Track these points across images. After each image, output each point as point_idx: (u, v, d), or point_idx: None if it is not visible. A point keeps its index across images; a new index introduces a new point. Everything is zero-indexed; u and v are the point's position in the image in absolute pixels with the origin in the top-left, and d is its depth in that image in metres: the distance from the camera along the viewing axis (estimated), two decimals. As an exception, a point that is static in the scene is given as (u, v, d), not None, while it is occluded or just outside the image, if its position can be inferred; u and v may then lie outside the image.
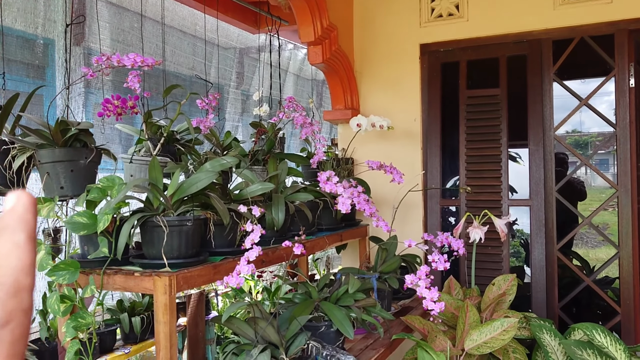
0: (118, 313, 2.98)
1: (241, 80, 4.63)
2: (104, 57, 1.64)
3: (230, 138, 2.47)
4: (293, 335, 1.51)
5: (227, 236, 1.76)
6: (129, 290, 1.56)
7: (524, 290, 2.92)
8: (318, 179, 2.06)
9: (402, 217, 2.87)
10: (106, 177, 1.61)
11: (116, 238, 1.54)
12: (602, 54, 2.68)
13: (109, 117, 1.83)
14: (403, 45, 3.05)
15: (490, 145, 2.84)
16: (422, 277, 1.71)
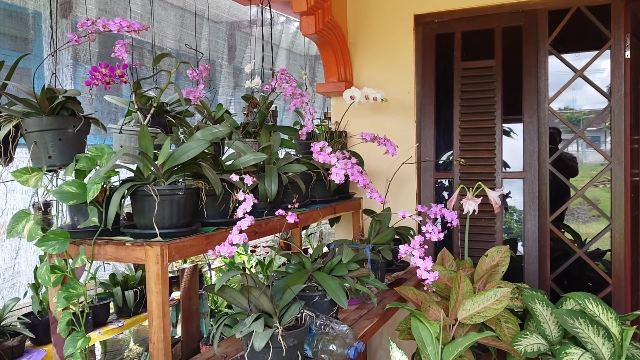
0: (111, 287, 2.98)
1: (233, 55, 4.56)
2: (89, 21, 1.59)
3: (222, 111, 2.43)
4: (287, 305, 1.51)
5: (219, 207, 1.74)
6: (120, 261, 1.54)
7: (517, 262, 2.94)
8: (311, 149, 2.03)
9: (395, 191, 2.86)
10: (95, 147, 1.58)
11: (106, 208, 1.51)
12: (598, 24, 2.64)
13: (97, 86, 1.78)
14: (397, 16, 3.00)
15: (485, 118, 2.82)
16: (416, 247, 1.71)
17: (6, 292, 2.82)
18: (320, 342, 1.56)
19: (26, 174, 1.54)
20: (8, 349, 2.39)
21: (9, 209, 2.83)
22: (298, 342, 1.44)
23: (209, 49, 4.02)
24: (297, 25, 5.15)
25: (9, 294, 2.81)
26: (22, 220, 1.51)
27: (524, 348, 2.01)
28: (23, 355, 2.46)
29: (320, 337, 1.57)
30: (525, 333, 2.09)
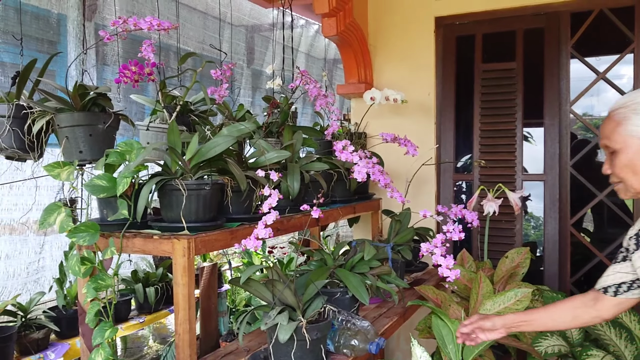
0: (132, 283, 3.03)
1: (252, 57, 4.61)
2: (120, 19, 1.63)
3: (244, 111, 2.46)
4: (310, 299, 1.53)
5: (243, 203, 1.77)
6: (148, 253, 1.58)
7: (536, 265, 2.93)
8: (334, 148, 2.06)
9: (414, 192, 2.87)
10: (125, 142, 1.62)
11: (135, 201, 1.55)
12: (621, 26, 2.63)
13: (126, 84, 1.82)
14: (418, 18, 3.01)
15: (505, 120, 2.82)
16: (438, 245, 1.71)
17: (30, 285, 2.88)
18: (342, 337, 1.58)
19: (58, 168, 1.59)
20: (34, 341, 2.44)
21: (34, 205, 2.89)
22: (321, 336, 1.46)
23: (231, 51, 4.07)
24: (316, 28, 5.19)
25: (33, 288, 2.87)
26: (53, 213, 1.55)
27: (545, 349, 2.01)
28: (48, 348, 2.52)
29: (342, 332, 1.59)
30: (546, 334, 2.08)
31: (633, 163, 1.27)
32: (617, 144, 1.29)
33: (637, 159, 1.26)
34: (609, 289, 1.44)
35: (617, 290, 1.42)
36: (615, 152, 1.30)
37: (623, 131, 1.27)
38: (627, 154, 1.28)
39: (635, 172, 1.27)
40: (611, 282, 1.43)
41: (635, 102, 1.27)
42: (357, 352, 1.60)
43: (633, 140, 1.26)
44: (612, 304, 1.44)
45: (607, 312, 1.45)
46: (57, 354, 2.55)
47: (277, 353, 1.44)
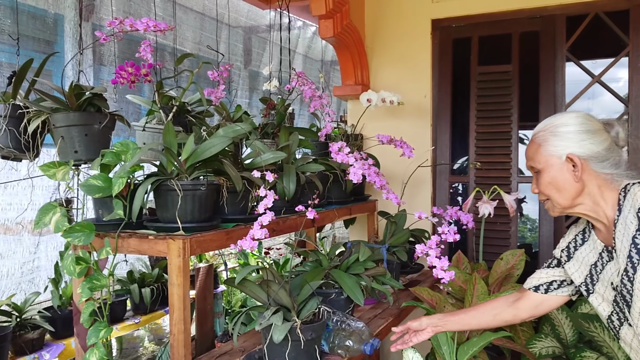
0: (128, 284, 3.03)
1: (249, 58, 4.62)
2: (117, 20, 1.64)
3: (241, 112, 2.47)
4: (305, 300, 1.53)
5: (239, 204, 1.78)
6: (144, 253, 1.58)
7: (532, 267, 2.93)
8: (330, 149, 2.06)
9: (410, 193, 2.87)
10: (120, 142, 1.62)
11: (130, 201, 1.55)
12: (617, 30, 2.65)
13: (122, 85, 1.83)
14: (414, 20, 3.02)
15: (501, 122, 2.83)
16: (433, 247, 1.72)
17: (25, 285, 2.88)
18: (337, 338, 1.58)
19: (53, 168, 1.59)
20: (29, 341, 2.44)
21: (29, 205, 2.89)
22: (316, 336, 1.46)
23: (228, 52, 4.07)
24: (313, 30, 5.20)
25: (27, 288, 2.86)
26: (49, 213, 1.55)
27: (539, 350, 2.02)
28: (43, 348, 2.51)
29: (337, 333, 1.59)
30: (540, 336, 2.09)
31: (556, 181, 1.37)
32: (540, 164, 1.39)
33: (559, 177, 1.37)
34: (540, 287, 1.58)
35: (549, 288, 1.56)
36: (539, 171, 1.40)
37: (544, 152, 1.38)
38: (549, 172, 1.38)
39: (559, 189, 1.37)
40: (543, 282, 1.57)
41: (553, 125, 1.38)
42: (352, 353, 1.60)
43: (553, 159, 1.37)
44: (533, 304, 1.57)
45: (524, 312, 1.58)
46: (52, 354, 2.55)
47: (271, 353, 1.45)
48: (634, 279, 1.26)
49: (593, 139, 1.35)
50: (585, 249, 1.46)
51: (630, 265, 1.27)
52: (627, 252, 1.28)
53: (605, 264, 1.38)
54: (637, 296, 1.26)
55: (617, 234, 1.31)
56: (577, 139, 1.35)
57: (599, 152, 1.34)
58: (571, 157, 1.34)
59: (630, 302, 1.28)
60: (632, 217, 1.27)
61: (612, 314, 1.38)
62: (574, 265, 1.47)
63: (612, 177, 1.34)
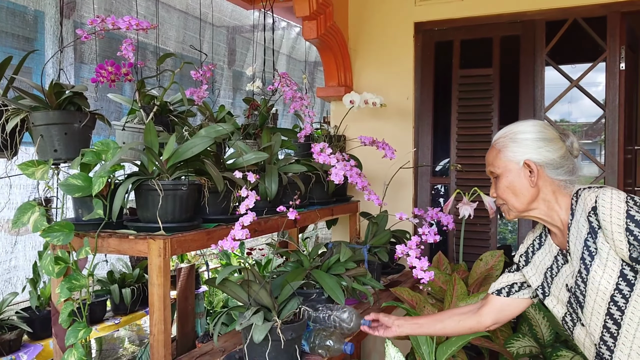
0: (108, 284, 3.00)
1: (233, 58, 4.60)
2: (98, 19, 1.63)
3: (224, 112, 2.47)
4: (285, 300, 1.54)
5: (220, 204, 1.78)
6: (124, 253, 1.57)
7: (510, 268, 2.97)
8: (312, 150, 2.07)
9: (392, 195, 2.90)
10: (101, 141, 1.61)
11: (111, 201, 1.54)
12: (594, 36, 2.70)
13: (102, 84, 1.82)
14: (397, 23, 3.05)
15: (482, 125, 2.87)
16: (413, 247, 1.74)
17: (2, 285, 2.83)
18: (317, 338, 1.59)
19: (32, 167, 1.57)
20: (6, 342, 2.40)
21: (7, 205, 2.84)
22: (296, 336, 1.47)
23: (212, 52, 4.05)
24: (297, 30, 5.20)
25: (5, 289, 2.82)
26: (27, 212, 1.53)
27: (516, 350, 2.05)
28: (20, 349, 2.47)
29: (318, 333, 1.60)
30: (518, 336, 2.12)
31: (513, 185, 1.42)
32: (499, 169, 1.44)
33: (516, 182, 1.41)
34: (502, 290, 1.62)
35: (510, 290, 1.60)
36: (498, 176, 1.45)
37: (503, 157, 1.43)
38: (507, 177, 1.43)
39: (515, 194, 1.42)
40: (505, 284, 1.61)
41: (513, 132, 1.44)
42: (332, 353, 1.61)
43: (512, 164, 1.42)
44: (496, 308, 1.61)
45: (488, 317, 1.62)
46: (30, 355, 2.51)
47: (251, 353, 1.45)
48: (587, 280, 1.31)
49: (549, 147, 1.40)
50: (541, 253, 1.51)
51: (583, 267, 1.33)
52: (579, 254, 1.34)
53: (561, 267, 1.44)
54: (589, 297, 1.32)
55: (570, 237, 1.37)
56: (535, 146, 1.40)
57: (554, 160, 1.39)
58: (528, 163, 1.39)
59: (583, 303, 1.34)
60: (584, 221, 1.32)
61: (565, 315, 1.44)
62: (531, 270, 1.53)
63: (565, 184, 1.41)
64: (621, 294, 1.27)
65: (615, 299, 1.28)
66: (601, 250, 1.29)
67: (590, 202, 1.31)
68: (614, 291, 1.28)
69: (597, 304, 1.31)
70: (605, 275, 1.29)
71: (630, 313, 1.27)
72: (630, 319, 1.27)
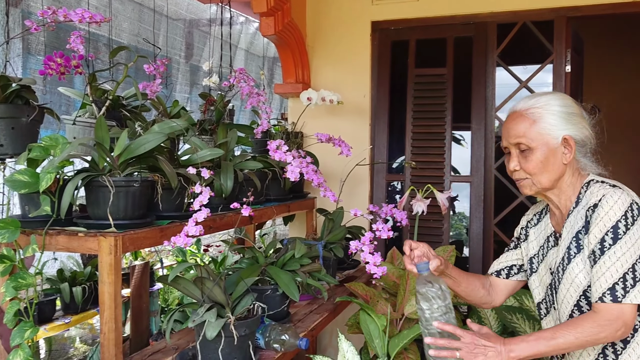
0: (58, 283, 2.92)
1: (191, 53, 4.53)
2: (50, 10, 1.58)
3: (179, 107, 2.43)
4: (239, 296, 1.54)
5: (174, 200, 1.76)
6: (73, 251, 1.53)
7: (463, 263, 3.07)
8: (268, 147, 2.07)
9: (349, 191, 2.93)
10: (49, 136, 1.57)
11: (59, 198, 1.51)
12: (542, 39, 2.81)
13: (51, 76, 1.76)
14: (355, 21, 3.08)
15: (436, 123, 2.94)
16: (366, 243, 1.77)
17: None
18: (273, 332, 1.60)
19: (-25, 162, 1.52)
20: (-53, 344, 2.30)
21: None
22: (250, 332, 1.47)
23: (167, 45, 3.98)
24: (256, 26, 5.17)
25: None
26: (-31, 209, 1.48)
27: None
28: (-37, 351, 2.38)
29: (274, 328, 1.61)
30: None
31: (547, 160, 1.33)
32: (533, 142, 1.33)
33: (551, 157, 1.33)
34: (502, 271, 1.60)
35: (509, 272, 1.58)
36: (530, 149, 1.34)
37: (540, 129, 1.33)
38: (542, 151, 1.33)
39: (547, 170, 1.33)
40: (504, 265, 1.59)
41: (549, 103, 1.34)
42: (287, 347, 1.62)
43: (550, 138, 1.33)
44: (501, 289, 1.60)
45: (498, 298, 1.60)
46: (-26, 357, 2.42)
47: (204, 350, 1.45)
48: (565, 269, 1.34)
49: (583, 123, 1.34)
50: (537, 229, 1.50)
51: (566, 256, 1.34)
52: (567, 243, 1.34)
53: (550, 249, 1.43)
54: (563, 285, 1.35)
55: (567, 223, 1.36)
56: (573, 121, 1.33)
57: (587, 137, 1.34)
58: (567, 139, 1.32)
59: (557, 289, 1.37)
60: (582, 214, 1.31)
61: (542, 301, 1.46)
62: (529, 244, 1.52)
63: (582, 166, 1.37)
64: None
65: (587, 294, 1.30)
66: (586, 247, 1.29)
67: (594, 199, 1.29)
68: (587, 287, 1.29)
69: (570, 293, 1.33)
70: (584, 271, 1.30)
71: None
72: None
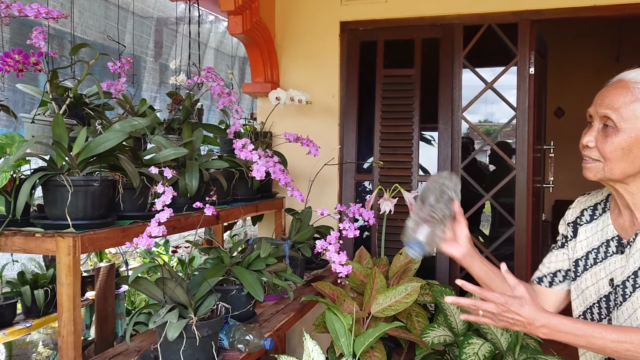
0: (19, 286, 2.84)
1: (159, 51, 4.47)
2: (2, 4, 1.53)
3: (145, 106, 2.39)
4: (203, 297, 1.52)
5: (137, 200, 1.73)
6: (30, 252, 1.49)
7: (430, 262, 3.09)
8: (234, 146, 2.06)
9: (318, 191, 2.93)
10: (5, 134, 1.52)
11: (15, 197, 1.46)
12: (507, 41, 2.86)
13: (8, 73, 1.71)
14: (324, 21, 3.08)
15: (404, 124, 2.96)
16: (332, 242, 1.78)
17: None
18: (237, 332, 1.59)
19: None
20: None
21: None
22: (212, 333, 1.46)
23: (134, 43, 3.92)
24: (226, 25, 5.13)
25: None
26: None
27: (432, 339, 2.14)
28: None
29: (238, 328, 1.60)
30: (434, 326, 2.21)
31: (630, 149, 1.12)
32: (623, 122, 1.12)
33: (635, 146, 1.12)
34: (544, 278, 1.36)
35: (553, 280, 1.35)
36: (617, 129, 1.13)
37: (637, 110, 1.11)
38: (629, 136, 1.12)
39: (625, 159, 1.13)
40: (547, 271, 1.36)
41: None
42: (251, 348, 1.61)
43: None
44: (546, 300, 1.35)
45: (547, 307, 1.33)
46: None
47: (166, 351, 1.42)
48: (638, 287, 1.11)
49: None
50: (590, 229, 1.27)
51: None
52: None
53: (609, 256, 1.21)
54: (631, 303, 1.12)
55: None
56: None
57: None
58: None
59: (621, 305, 1.17)
60: None
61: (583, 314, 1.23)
62: (579, 243, 1.29)
63: None
64: None
65: None
66: None
67: None
68: None
69: (636, 314, 1.11)
70: None
71: None
72: None
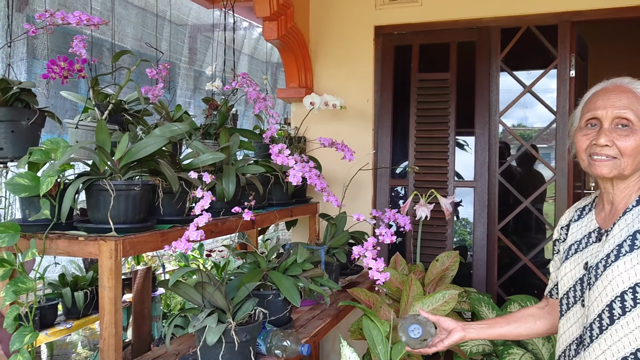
0: (60, 287, 2.90)
1: (194, 58, 4.54)
2: (47, 13, 1.58)
3: (181, 112, 2.43)
4: (241, 301, 1.53)
5: (175, 204, 1.75)
6: (73, 255, 1.52)
7: (466, 269, 3.04)
8: (270, 152, 2.06)
9: (351, 196, 2.92)
10: (50, 140, 1.56)
11: (60, 201, 1.50)
12: (546, 43, 2.79)
13: (54, 80, 1.76)
14: (358, 26, 3.07)
15: (439, 128, 2.92)
16: (369, 248, 1.76)
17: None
18: (274, 338, 1.58)
19: (-24, 165, 1.51)
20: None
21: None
22: (251, 338, 1.46)
23: (170, 50, 3.99)
24: (259, 31, 5.18)
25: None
26: (-30, 212, 1.47)
27: (470, 349, 2.09)
28: (-37, 356, 2.37)
29: (275, 333, 1.60)
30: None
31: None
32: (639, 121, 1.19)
33: None
34: (552, 291, 1.42)
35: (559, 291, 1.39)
36: (633, 128, 1.20)
37: None
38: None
39: (638, 156, 1.21)
40: (552, 285, 1.42)
41: None
42: (289, 354, 1.61)
43: None
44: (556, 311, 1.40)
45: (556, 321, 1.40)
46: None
47: (204, 356, 1.43)
48: (608, 266, 1.21)
49: None
50: (578, 225, 1.38)
51: (614, 253, 1.21)
52: (619, 241, 1.21)
53: (589, 245, 1.31)
54: (600, 282, 1.22)
55: (621, 221, 1.24)
56: None
57: None
58: None
59: (592, 285, 1.24)
60: None
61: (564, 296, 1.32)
62: (569, 236, 1.38)
63: None
64: (634, 296, 1.16)
65: (625, 297, 1.17)
66: None
67: None
68: (628, 289, 1.17)
69: (606, 292, 1.20)
70: (631, 271, 1.17)
71: (630, 319, 1.16)
72: (626, 323, 1.16)
